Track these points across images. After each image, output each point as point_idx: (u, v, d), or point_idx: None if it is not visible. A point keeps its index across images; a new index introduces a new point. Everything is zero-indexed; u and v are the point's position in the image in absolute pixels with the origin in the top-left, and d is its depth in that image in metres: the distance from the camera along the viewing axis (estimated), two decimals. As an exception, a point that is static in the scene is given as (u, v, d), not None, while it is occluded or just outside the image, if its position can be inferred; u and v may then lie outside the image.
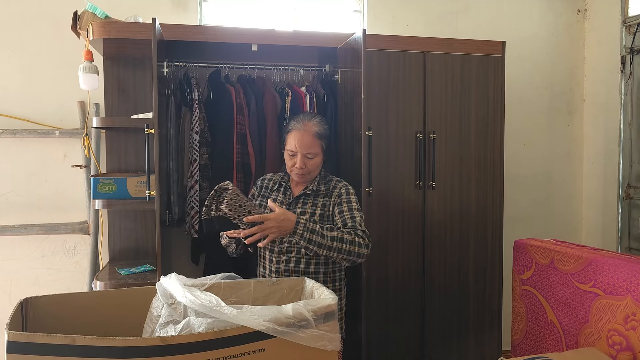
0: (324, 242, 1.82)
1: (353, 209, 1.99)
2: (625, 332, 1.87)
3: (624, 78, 3.24)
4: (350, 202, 2.01)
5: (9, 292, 2.83)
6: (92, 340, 1.25)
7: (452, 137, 2.72)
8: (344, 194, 2.03)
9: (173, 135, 2.53)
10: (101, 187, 2.47)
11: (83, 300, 1.66)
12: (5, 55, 2.79)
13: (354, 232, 1.89)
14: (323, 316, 1.46)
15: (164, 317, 1.45)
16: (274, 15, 3.20)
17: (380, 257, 2.64)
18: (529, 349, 2.36)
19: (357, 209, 2.01)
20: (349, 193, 2.04)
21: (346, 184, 2.08)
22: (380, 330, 2.66)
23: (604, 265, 1.99)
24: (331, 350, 1.46)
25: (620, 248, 3.29)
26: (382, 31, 3.16)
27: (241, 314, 1.34)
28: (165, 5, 2.95)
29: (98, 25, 2.36)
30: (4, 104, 2.80)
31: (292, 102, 2.66)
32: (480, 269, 2.79)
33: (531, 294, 2.33)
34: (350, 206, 2.00)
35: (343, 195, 2.02)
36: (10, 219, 2.80)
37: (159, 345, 1.28)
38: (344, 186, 2.06)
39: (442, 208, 2.72)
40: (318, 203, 2.04)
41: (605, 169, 3.39)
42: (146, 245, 2.77)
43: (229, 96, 2.59)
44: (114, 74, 2.73)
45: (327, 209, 2.03)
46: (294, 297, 1.83)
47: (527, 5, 3.45)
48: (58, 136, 2.80)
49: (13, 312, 1.44)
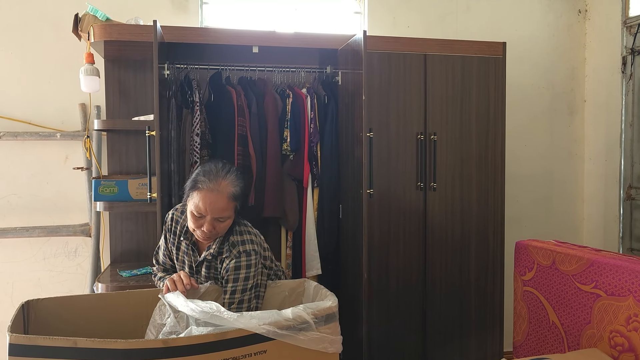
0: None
1: (236, 291, 1.72)
2: (627, 333, 1.87)
3: (624, 78, 3.23)
4: (236, 281, 1.73)
5: (10, 294, 2.84)
6: (93, 342, 1.25)
7: (453, 138, 2.72)
8: (231, 268, 1.73)
9: (174, 137, 2.53)
10: (102, 189, 2.47)
11: (85, 303, 1.67)
12: (6, 57, 2.80)
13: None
14: (324, 318, 1.46)
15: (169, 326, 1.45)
16: (274, 17, 3.20)
17: (381, 259, 2.64)
18: (531, 350, 2.36)
19: (242, 289, 1.72)
20: (239, 267, 1.73)
21: (243, 250, 1.76)
22: (381, 332, 2.66)
23: (606, 266, 1.98)
24: (332, 353, 1.47)
25: (621, 249, 3.28)
26: (383, 32, 3.16)
27: (241, 317, 1.35)
28: (166, 7, 2.95)
29: (99, 27, 2.36)
30: (5, 106, 2.80)
31: (292, 104, 2.67)
32: (481, 270, 2.79)
33: (533, 295, 2.33)
34: (234, 287, 1.72)
35: (230, 271, 1.73)
36: (11, 221, 2.80)
37: (160, 347, 1.28)
38: (236, 256, 1.75)
39: (443, 209, 2.72)
40: (219, 268, 1.80)
41: (607, 170, 3.39)
42: (147, 247, 2.77)
43: (230, 98, 2.59)
44: (115, 76, 2.73)
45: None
46: (296, 298, 1.83)
47: (527, 6, 3.45)
48: (59, 138, 2.81)
49: (15, 315, 1.44)
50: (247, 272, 1.73)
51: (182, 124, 2.62)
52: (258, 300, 1.81)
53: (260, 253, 1.82)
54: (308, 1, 3.23)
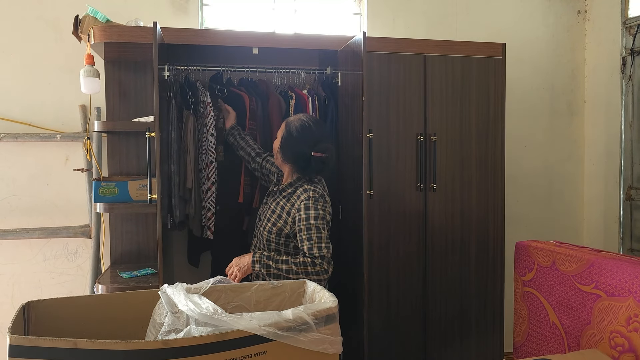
0: (280, 273, 2.03)
1: (311, 229, 2.06)
2: (627, 334, 1.87)
3: (624, 79, 3.24)
4: (308, 220, 2.08)
5: (11, 295, 2.84)
6: (94, 344, 1.25)
7: (452, 139, 2.72)
8: (302, 209, 2.10)
9: (174, 139, 2.53)
10: (103, 191, 2.47)
11: (85, 304, 1.67)
12: (7, 59, 2.80)
13: (308, 259, 2.01)
14: (324, 319, 1.46)
15: (167, 325, 1.45)
16: (274, 18, 3.20)
17: (382, 259, 2.64)
18: (531, 350, 2.36)
19: (316, 227, 2.07)
20: (308, 208, 2.09)
21: (308, 196, 2.13)
22: (381, 333, 2.66)
23: (606, 266, 1.98)
24: (333, 353, 1.47)
25: (622, 249, 3.28)
26: (383, 33, 3.17)
27: (241, 319, 1.35)
28: (166, 9, 2.96)
29: (99, 29, 2.37)
30: (5, 107, 2.81)
31: (296, 105, 2.67)
32: (481, 271, 2.79)
33: (533, 295, 2.33)
34: (308, 225, 2.07)
35: (302, 211, 2.10)
36: (12, 223, 2.80)
37: (160, 348, 1.28)
38: (305, 200, 2.12)
39: (443, 210, 2.72)
40: (280, 204, 2.20)
41: (607, 170, 3.39)
42: (148, 248, 2.77)
43: (242, 101, 2.62)
44: (115, 78, 2.73)
45: (284, 215, 2.16)
46: (296, 299, 1.83)
47: (527, 7, 3.45)
48: (59, 140, 2.81)
49: (15, 316, 1.44)
50: (314, 211, 2.10)
51: (183, 125, 2.62)
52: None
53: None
54: (308, 2, 3.24)
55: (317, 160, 2.16)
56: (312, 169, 2.18)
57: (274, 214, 2.19)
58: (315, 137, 2.17)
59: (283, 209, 2.17)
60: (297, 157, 2.18)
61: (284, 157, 2.22)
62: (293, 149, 2.18)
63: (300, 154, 2.17)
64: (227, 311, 1.52)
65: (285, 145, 2.20)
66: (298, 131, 2.18)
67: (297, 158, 2.18)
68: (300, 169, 2.19)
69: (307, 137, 2.17)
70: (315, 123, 2.22)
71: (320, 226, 2.07)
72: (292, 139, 2.18)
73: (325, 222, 2.11)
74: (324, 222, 2.09)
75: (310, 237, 2.04)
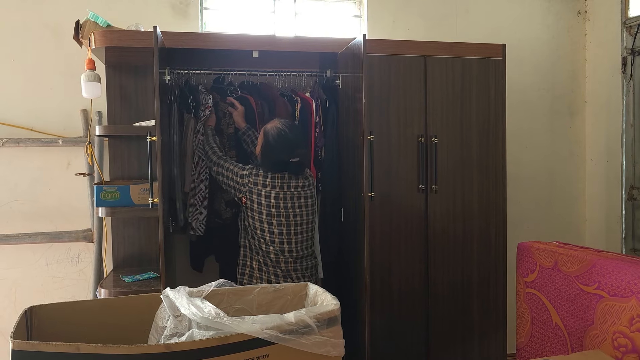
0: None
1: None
2: (630, 334, 1.87)
3: (625, 79, 3.23)
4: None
5: (13, 300, 2.84)
6: (96, 348, 1.25)
7: (453, 140, 2.72)
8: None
9: (176, 142, 2.54)
10: (104, 195, 2.47)
11: (87, 308, 1.67)
12: (8, 64, 2.81)
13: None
14: (326, 322, 1.46)
15: (169, 329, 1.45)
16: (274, 21, 3.21)
17: (383, 262, 2.64)
18: (534, 352, 2.36)
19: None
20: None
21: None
22: (384, 335, 2.66)
23: (608, 267, 1.98)
24: (335, 356, 1.47)
25: (624, 249, 3.28)
26: (383, 35, 3.17)
27: (243, 323, 1.35)
28: (167, 13, 2.96)
29: (100, 34, 2.37)
30: (7, 113, 2.82)
31: (301, 109, 2.68)
32: (483, 272, 2.78)
33: (535, 296, 2.33)
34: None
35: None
36: (14, 228, 2.81)
37: (163, 352, 1.28)
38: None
39: (444, 211, 2.72)
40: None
41: (608, 170, 3.39)
42: (150, 252, 2.78)
43: (249, 105, 2.64)
44: (117, 82, 2.74)
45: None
46: (298, 302, 1.83)
47: (527, 7, 3.45)
48: (61, 144, 2.81)
49: (18, 321, 1.44)
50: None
51: (184, 128, 2.63)
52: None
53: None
54: (308, 5, 3.25)
55: (294, 164, 2.34)
56: (291, 171, 2.36)
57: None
58: (291, 144, 2.33)
59: None
60: (276, 164, 2.35)
61: (263, 164, 2.39)
62: (272, 157, 2.34)
63: (278, 161, 2.34)
64: (229, 314, 1.52)
65: (265, 153, 2.36)
66: (275, 139, 2.33)
67: (275, 164, 2.35)
68: (279, 172, 2.36)
69: (283, 145, 2.32)
70: (290, 129, 2.37)
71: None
72: (269, 147, 2.34)
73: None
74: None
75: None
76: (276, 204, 2.34)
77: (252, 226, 2.36)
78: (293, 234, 2.38)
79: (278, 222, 2.34)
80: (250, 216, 2.36)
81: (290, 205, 2.36)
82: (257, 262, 2.38)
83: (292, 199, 2.37)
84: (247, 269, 2.40)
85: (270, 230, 2.34)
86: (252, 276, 2.39)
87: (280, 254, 2.36)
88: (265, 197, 2.33)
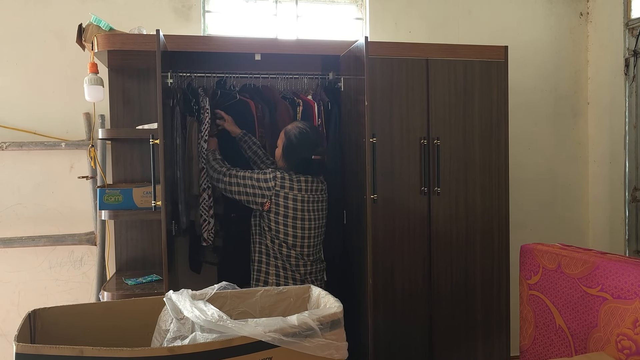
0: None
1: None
2: (634, 337, 1.86)
3: (627, 80, 3.23)
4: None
5: (17, 303, 2.85)
6: (99, 351, 1.25)
7: (456, 142, 2.72)
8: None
9: (179, 145, 2.54)
10: (107, 198, 2.48)
11: (91, 311, 1.67)
12: (11, 68, 2.82)
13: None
14: (329, 324, 1.46)
15: (172, 332, 1.45)
16: (276, 24, 3.21)
17: (386, 264, 2.64)
18: (538, 354, 2.35)
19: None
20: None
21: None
22: (387, 337, 2.65)
23: (612, 269, 1.98)
24: (338, 359, 1.46)
25: (627, 251, 3.27)
26: (385, 38, 3.18)
27: (246, 325, 1.35)
28: (169, 16, 2.97)
29: (102, 37, 2.38)
30: (10, 116, 2.83)
31: (303, 112, 2.69)
32: (486, 274, 2.78)
33: (539, 298, 2.32)
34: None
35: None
36: (17, 231, 2.82)
37: (166, 355, 1.28)
38: None
39: (447, 214, 2.72)
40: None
41: (611, 172, 3.38)
42: (153, 255, 2.78)
43: (248, 108, 2.63)
44: (119, 86, 2.75)
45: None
46: (301, 305, 1.83)
47: (529, 9, 3.45)
48: (64, 148, 2.82)
49: (21, 324, 1.45)
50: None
51: (187, 131, 2.63)
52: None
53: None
54: (309, 8, 3.25)
55: (317, 162, 2.38)
56: (313, 170, 2.39)
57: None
58: (313, 142, 2.38)
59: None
60: (299, 162, 2.37)
61: (287, 163, 2.38)
62: (295, 155, 2.36)
63: (301, 158, 2.36)
64: (232, 317, 1.52)
65: (287, 152, 2.37)
66: (297, 138, 2.36)
67: (299, 162, 2.37)
68: (302, 171, 2.38)
69: (306, 143, 2.36)
70: (311, 129, 2.43)
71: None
72: (292, 146, 2.36)
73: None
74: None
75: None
76: (302, 207, 2.35)
77: (274, 230, 2.35)
78: (313, 237, 2.40)
79: (302, 226, 2.36)
80: (274, 220, 2.34)
81: (312, 209, 2.39)
82: (274, 267, 2.38)
83: (313, 203, 2.39)
84: (262, 275, 2.39)
85: (294, 234, 2.35)
86: (267, 282, 2.38)
87: (300, 258, 2.38)
88: (292, 200, 2.33)
